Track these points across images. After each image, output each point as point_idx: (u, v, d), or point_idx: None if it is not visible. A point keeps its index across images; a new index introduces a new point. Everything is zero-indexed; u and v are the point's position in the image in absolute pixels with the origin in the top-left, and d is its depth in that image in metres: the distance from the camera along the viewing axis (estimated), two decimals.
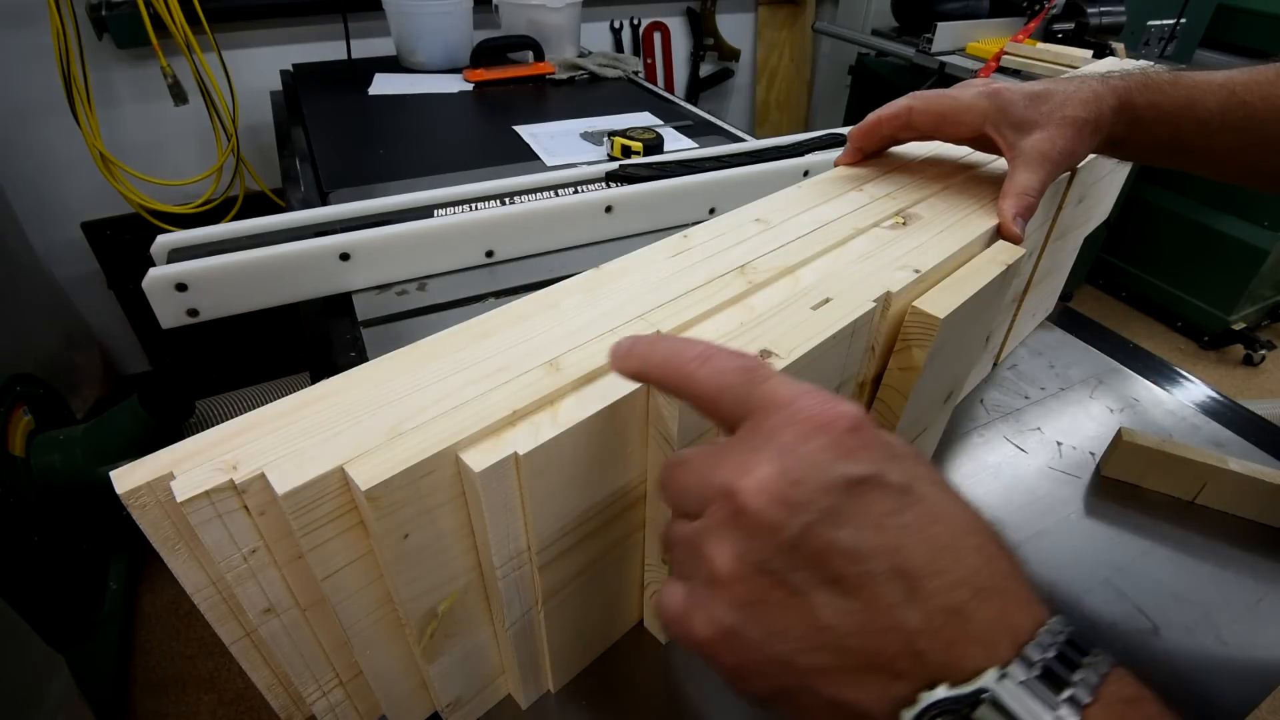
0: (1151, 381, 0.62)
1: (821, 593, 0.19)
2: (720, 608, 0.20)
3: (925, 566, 0.19)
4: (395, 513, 0.25)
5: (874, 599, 0.19)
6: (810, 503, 0.19)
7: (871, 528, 0.19)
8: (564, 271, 0.53)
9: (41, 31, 1.22)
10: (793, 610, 0.20)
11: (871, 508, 0.19)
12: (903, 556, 0.19)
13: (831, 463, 0.20)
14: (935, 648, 0.18)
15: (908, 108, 0.45)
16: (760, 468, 0.20)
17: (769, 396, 0.22)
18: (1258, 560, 0.47)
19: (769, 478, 0.20)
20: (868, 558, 0.19)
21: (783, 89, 2.24)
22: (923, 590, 0.19)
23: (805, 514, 0.19)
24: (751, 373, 0.22)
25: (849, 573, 0.19)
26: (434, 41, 1.26)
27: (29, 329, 1.30)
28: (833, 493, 0.19)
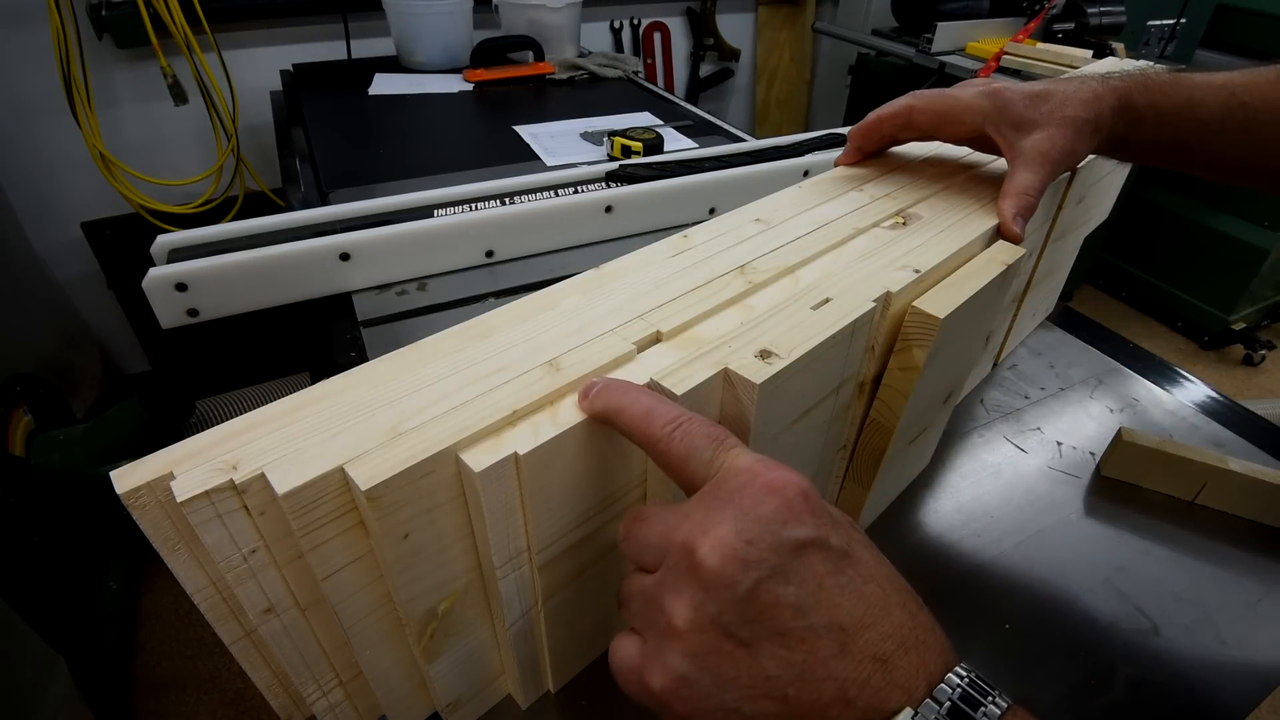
0: (1151, 381, 0.62)
1: (767, 644, 0.21)
2: (675, 658, 0.22)
3: (858, 621, 0.21)
4: (395, 513, 0.25)
5: (813, 651, 0.21)
6: (761, 560, 0.21)
7: (813, 585, 0.21)
8: (564, 271, 0.53)
9: (41, 31, 1.22)
10: (742, 661, 0.21)
11: (814, 568, 0.21)
12: (840, 613, 0.21)
13: (781, 526, 0.21)
14: (864, 694, 0.21)
15: (908, 107, 0.45)
16: (718, 527, 0.22)
17: (730, 464, 0.23)
18: (1258, 560, 0.47)
19: (725, 536, 0.21)
20: (809, 612, 0.21)
21: (783, 89, 2.24)
22: (855, 643, 0.21)
23: (756, 571, 0.21)
24: (718, 441, 0.24)
25: (792, 626, 0.21)
26: (434, 41, 1.26)
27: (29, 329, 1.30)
28: (781, 552, 0.21)
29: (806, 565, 0.21)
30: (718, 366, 0.29)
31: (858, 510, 0.45)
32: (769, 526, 0.21)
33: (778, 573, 0.21)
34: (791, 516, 0.22)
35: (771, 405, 0.30)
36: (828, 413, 0.36)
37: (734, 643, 0.21)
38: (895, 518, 0.49)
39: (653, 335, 0.32)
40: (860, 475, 0.43)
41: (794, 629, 0.21)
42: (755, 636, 0.21)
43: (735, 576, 0.21)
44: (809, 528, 0.22)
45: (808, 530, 0.22)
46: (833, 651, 0.21)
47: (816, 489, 0.23)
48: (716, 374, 0.29)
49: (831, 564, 0.22)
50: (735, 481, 0.23)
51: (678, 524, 0.23)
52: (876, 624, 0.21)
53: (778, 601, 0.21)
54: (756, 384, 0.28)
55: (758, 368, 0.29)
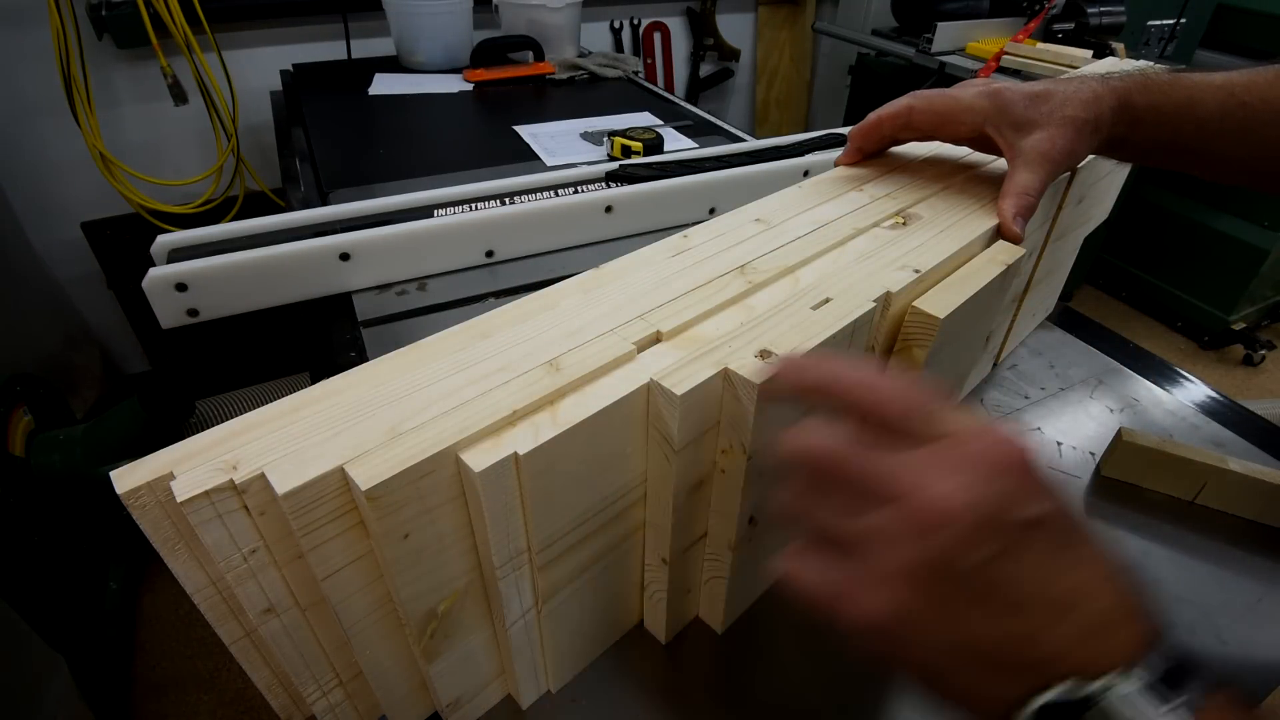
0: (1151, 381, 0.62)
1: (981, 609, 0.22)
2: (886, 598, 0.23)
3: (1080, 593, 0.22)
4: (395, 513, 0.25)
5: (1025, 621, 0.22)
6: (1004, 532, 0.22)
7: (1037, 564, 0.22)
8: (564, 271, 0.53)
9: (41, 31, 1.22)
10: (968, 614, 0.23)
11: (1040, 547, 0.23)
12: (1056, 590, 0.22)
13: (1015, 504, 0.23)
14: (1073, 655, 0.22)
15: (908, 107, 0.45)
16: (968, 490, 0.22)
17: (961, 428, 0.24)
18: (1258, 560, 0.47)
19: (974, 501, 0.22)
20: (1028, 588, 0.22)
21: (783, 89, 2.24)
22: (1075, 613, 0.22)
23: (997, 541, 0.22)
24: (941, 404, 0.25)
25: (1009, 598, 0.22)
26: (434, 41, 1.26)
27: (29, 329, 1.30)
28: (1013, 531, 0.22)
29: (1038, 539, 0.23)
30: (718, 366, 0.29)
31: None
32: (1008, 501, 0.22)
33: (1007, 551, 0.22)
34: (1024, 495, 0.23)
35: (771, 405, 0.30)
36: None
37: (951, 602, 0.22)
38: None
39: (653, 335, 0.32)
40: None
41: (1011, 601, 0.22)
42: (983, 597, 0.22)
43: (974, 544, 0.22)
44: (1039, 507, 0.23)
45: (1038, 509, 0.23)
46: (1055, 619, 0.22)
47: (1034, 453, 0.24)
48: (716, 374, 0.29)
49: (1055, 543, 0.23)
50: (970, 449, 0.23)
51: (914, 469, 0.23)
52: (1096, 597, 0.22)
53: (1002, 576, 0.22)
54: (756, 384, 0.28)
55: (758, 368, 0.29)
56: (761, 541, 0.39)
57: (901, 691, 0.39)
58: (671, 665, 0.40)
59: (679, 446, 0.30)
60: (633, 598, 0.40)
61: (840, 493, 0.25)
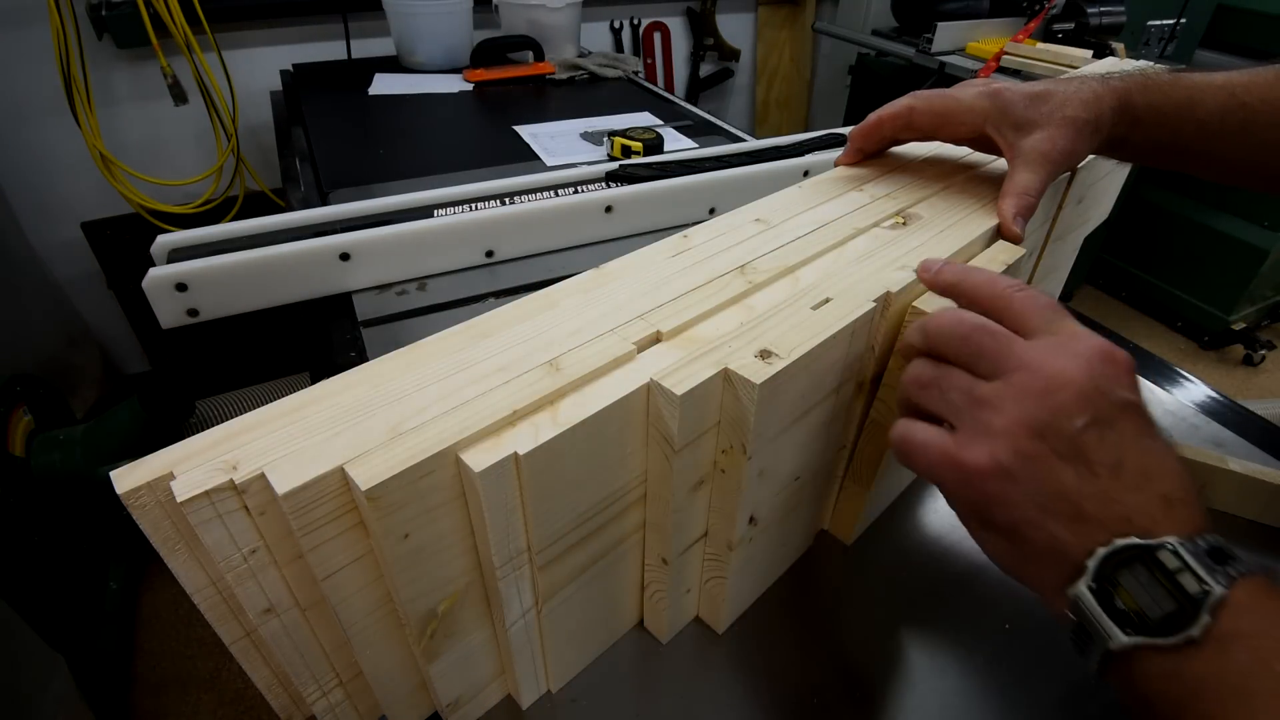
0: (1151, 381, 0.62)
1: (1082, 467, 0.27)
2: (1000, 449, 0.27)
3: (1155, 471, 0.26)
4: (395, 513, 0.25)
5: (1115, 481, 0.26)
6: (1098, 407, 0.27)
7: (1128, 436, 0.27)
8: (564, 271, 0.53)
9: (41, 31, 1.22)
10: (1057, 470, 0.27)
11: (1132, 423, 0.27)
12: (1142, 460, 0.27)
13: (1117, 386, 0.27)
14: (1140, 518, 0.26)
15: (908, 108, 0.45)
16: (1069, 370, 0.27)
17: (1071, 329, 0.29)
18: (1258, 560, 0.46)
19: (1076, 378, 0.27)
20: (1120, 454, 0.26)
21: (783, 89, 2.24)
22: (1149, 485, 0.26)
23: (1092, 412, 0.27)
24: (1055, 308, 0.30)
25: (1104, 460, 0.26)
26: (434, 41, 1.26)
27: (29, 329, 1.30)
28: (1113, 406, 0.27)
29: (1127, 420, 0.27)
30: (718, 366, 0.29)
31: (857, 511, 0.45)
32: (1108, 384, 0.27)
33: (1107, 421, 0.27)
34: (1123, 383, 0.28)
35: (771, 405, 0.30)
36: (828, 413, 0.36)
37: (1056, 457, 0.27)
38: (895, 518, 0.49)
39: (653, 335, 0.32)
40: (860, 475, 0.43)
41: (1105, 462, 0.26)
42: (1074, 458, 0.27)
43: (1075, 411, 0.27)
44: (1135, 394, 0.28)
45: (1133, 396, 0.28)
46: (1130, 486, 0.26)
47: None
48: (717, 374, 0.29)
49: (1143, 425, 0.27)
50: (1082, 344, 0.28)
51: (1030, 348, 0.28)
52: (1166, 477, 0.26)
53: (1100, 440, 0.26)
54: (756, 384, 0.28)
55: (758, 368, 0.29)
56: (761, 541, 0.39)
57: (902, 692, 0.39)
58: (671, 665, 0.40)
59: (679, 446, 0.30)
60: (633, 598, 0.40)
61: (963, 365, 0.30)
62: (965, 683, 0.39)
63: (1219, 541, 0.25)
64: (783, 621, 0.42)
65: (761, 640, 0.41)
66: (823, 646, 0.41)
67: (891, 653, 0.41)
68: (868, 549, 0.47)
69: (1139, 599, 0.25)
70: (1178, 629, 0.24)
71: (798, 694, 0.39)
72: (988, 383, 0.29)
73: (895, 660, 0.41)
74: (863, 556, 0.46)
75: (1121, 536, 0.25)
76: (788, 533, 0.42)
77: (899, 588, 0.45)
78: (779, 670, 0.40)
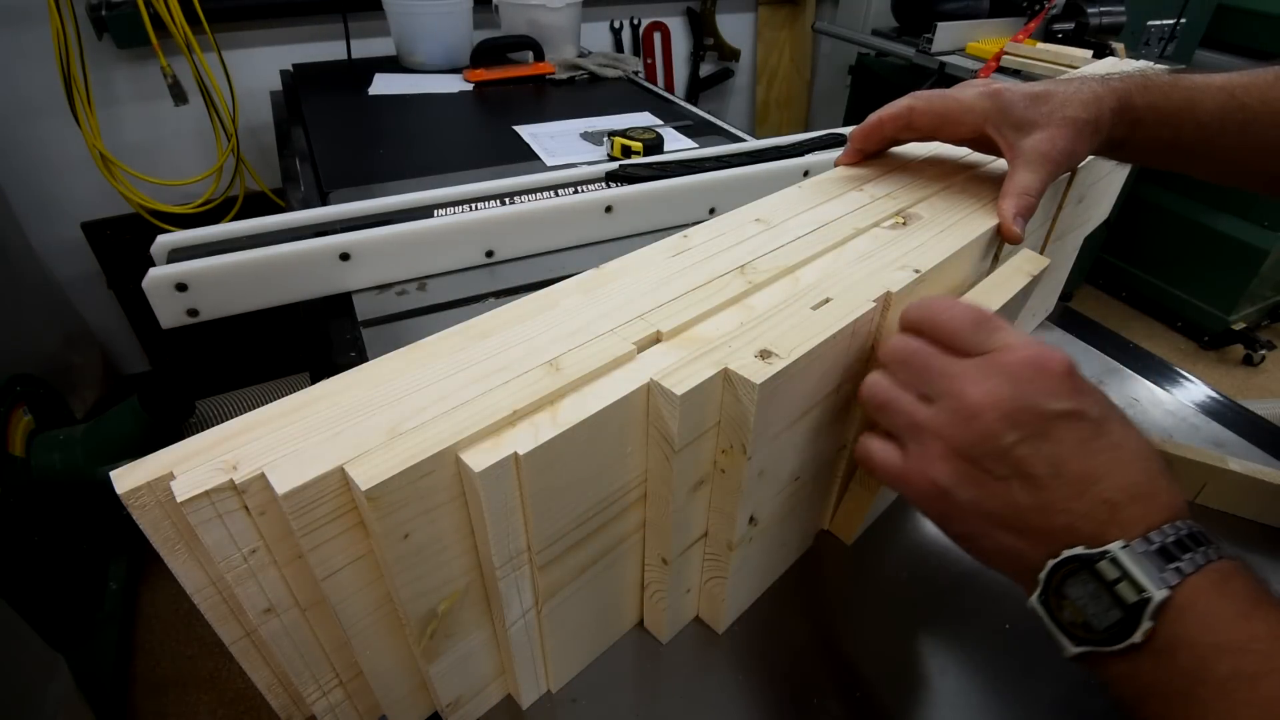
0: (1151, 381, 0.62)
1: (1018, 482, 0.27)
2: (939, 474, 0.29)
3: (1097, 475, 0.26)
4: (395, 513, 0.25)
5: (1055, 492, 0.27)
6: (1026, 424, 0.27)
7: (1064, 447, 0.27)
8: (564, 271, 0.53)
9: (41, 31, 1.22)
10: (995, 489, 0.28)
11: (1068, 433, 0.27)
12: (1083, 468, 0.27)
13: (1046, 398, 0.27)
14: (1089, 527, 0.26)
15: (908, 108, 0.45)
16: (995, 391, 0.28)
17: (1004, 341, 0.29)
18: (1258, 560, 0.47)
19: (1000, 401, 0.27)
20: (1057, 466, 0.27)
21: (783, 89, 2.24)
22: (1091, 490, 0.26)
23: (1019, 431, 0.27)
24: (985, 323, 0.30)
25: (1041, 474, 0.27)
26: (434, 41, 1.26)
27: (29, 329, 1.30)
28: (1043, 419, 0.27)
29: (1062, 431, 0.27)
30: (718, 366, 0.29)
31: (860, 513, 0.45)
32: (1036, 397, 0.27)
33: (1037, 434, 0.27)
34: (1057, 391, 0.27)
35: (772, 405, 0.30)
36: (828, 413, 0.36)
37: (990, 477, 0.28)
38: (896, 517, 0.49)
39: (653, 335, 0.32)
40: (862, 476, 0.43)
41: (1042, 476, 0.27)
42: (1009, 475, 0.27)
43: (1002, 430, 0.27)
44: (1069, 402, 0.27)
45: (1067, 404, 0.27)
46: (1072, 493, 0.26)
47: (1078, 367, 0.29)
48: (717, 374, 0.29)
49: (1084, 431, 0.27)
50: (1011, 357, 0.28)
51: (959, 374, 0.29)
52: (1113, 477, 0.26)
53: (1035, 453, 0.27)
54: (756, 384, 0.28)
55: (758, 368, 0.29)
56: (761, 541, 0.39)
57: (902, 692, 0.39)
58: (671, 665, 0.40)
59: (679, 446, 0.30)
60: (633, 598, 0.40)
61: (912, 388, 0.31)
62: (965, 683, 0.39)
63: (1182, 529, 0.25)
64: (783, 622, 0.42)
65: (761, 640, 0.41)
66: (823, 646, 0.41)
67: (892, 652, 0.41)
68: (868, 549, 0.47)
69: (1085, 609, 0.25)
70: (1121, 637, 0.24)
71: (798, 694, 0.39)
72: (926, 407, 0.30)
73: (895, 660, 0.41)
74: (863, 557, 0.46)
75: (1069, 547, 0.26)
76: (788, 533, 0.42)
77: (899, 588, 0.45)
78: (779, 670, 0.40)
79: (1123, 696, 0.25)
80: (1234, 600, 0.24)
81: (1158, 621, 0.24)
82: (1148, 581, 0.24)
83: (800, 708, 0.38)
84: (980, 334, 0.30)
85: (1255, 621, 0.23)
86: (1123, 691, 0.25)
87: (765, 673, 0.40)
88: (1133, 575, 0.24)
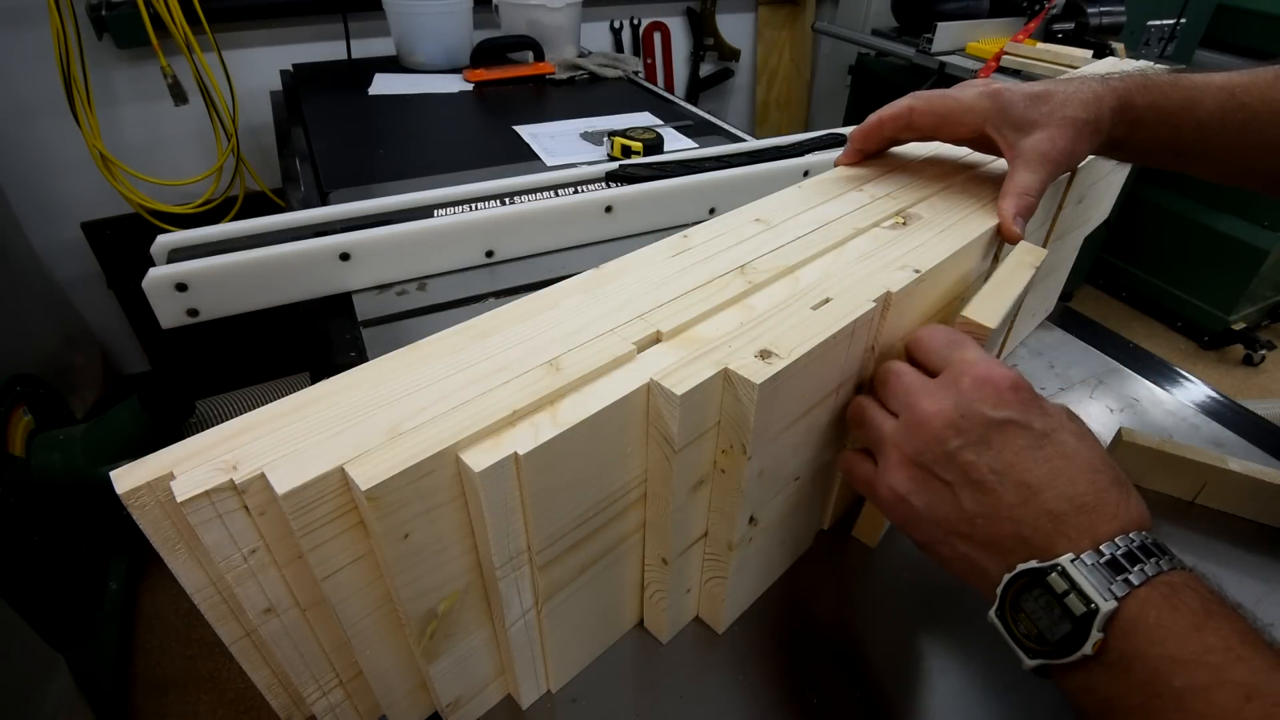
0: (1151, 381, 0.62)
1: (966, 488, 0.29)
2: (898, 481, 0.31)
3: (1041, 483, 0.27)
4: (395, 513, 0.25)
5: (1000, 498, 0.28)
6: (968, 430, 0.29)
7: (1008, 454, 0.28)
8: (564, 271, 0.53)
9: (41, 31, 1.22)
10: (945, 494, 0.29)
11: (1012, 441, 0.28)
12: (1027, 475, 0.27)
13: (989, 407, 0.29)
14: (1036, 537, 0.27)
15: (908, 108, 0.45)
16: (943, 402, 0.30)
17: (960, 358, 0.31)
18: (1258, 560, 0.47)
19: (946, 409, 0.30)
20: (1000, 472, 0.28)
21: (783, 89, 2.24)
22: (1036, 499, 0.27)
23: (963, 438, 0.29)
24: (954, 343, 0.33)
25: (986, 479, 0.28)
26: (434, 41, 1.26)
27: (29, 329, 1.30)
28: (986, 427, 0.29)
29: (1005, 438, 0.28)
30: (718, 366, 0.29)
31: (883, 519, 0.45)
32: (980, 406, 0.29)
33: (980, 441, 0.28)
34: (999, 402, 0.29)
35: (771, 405, 0.30)
36: (828, 413, 0.36)
37: (940, 482, 0.29)
38: None
39: (653, 335, 0.32)
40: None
41: (987, 480, 0.28)
42: (956, 481, 0.29)
43: (946, 438, 0.29)
44: (1012, 411, 0.29)
45: (1010, 413, 0.29)
46: (1016, 501, 0.27)
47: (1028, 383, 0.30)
48: (717, 374, 0.29)
49: (1028, 440, 0.28)
50: (963, 373, 0.30)
51: (919, 391, 0.31)
52: (1057, 487, 0.27)
53: (976, 460, 0.28)
54: (756, 384, 0.28)
55: (758, 368, 0.29)
56: (761, 541, 0.39)
57: (902, 692, 0.39)
58: (671, 665, 0.40)
59: (679, 446, 0.30)
60: (633, 598, 0.40)
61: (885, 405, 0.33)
62: (965, 683, 0.39)
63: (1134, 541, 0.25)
64: (783, 622, 0.42)
65: (761, 640, 0.41)
66: (823, 646, 0.41)
67: (892, 652, 0.41)
68: (869, 549, 0.47)
69: (1039, 622, 0.26)
70: (1072, 649, 0.25)
71: (798, 694, 0.39)
72: (891, 421, 0.32)
73: (896, 660, 0.41)
74: (863, 557, 0.46)
75: (1023, 561, 0.26)
76: (788, 533, 0.42)
77: (900, 588, 0.45)
78: (779, 670, 0.40)
79: (1084, 710, 0.26)
80: (1185, 612, 0.24)
81: (1107, 633, 0.24)
82: (1094, 593, 0.24)
83: (800, 708, 0.38)
84: (946, 350, 0.32)
85: (1207, 634, 0.23)
86: (1084, 704, 0.26)
87: (765, 672, 0.40)
88: (1080, 587, 0.24)
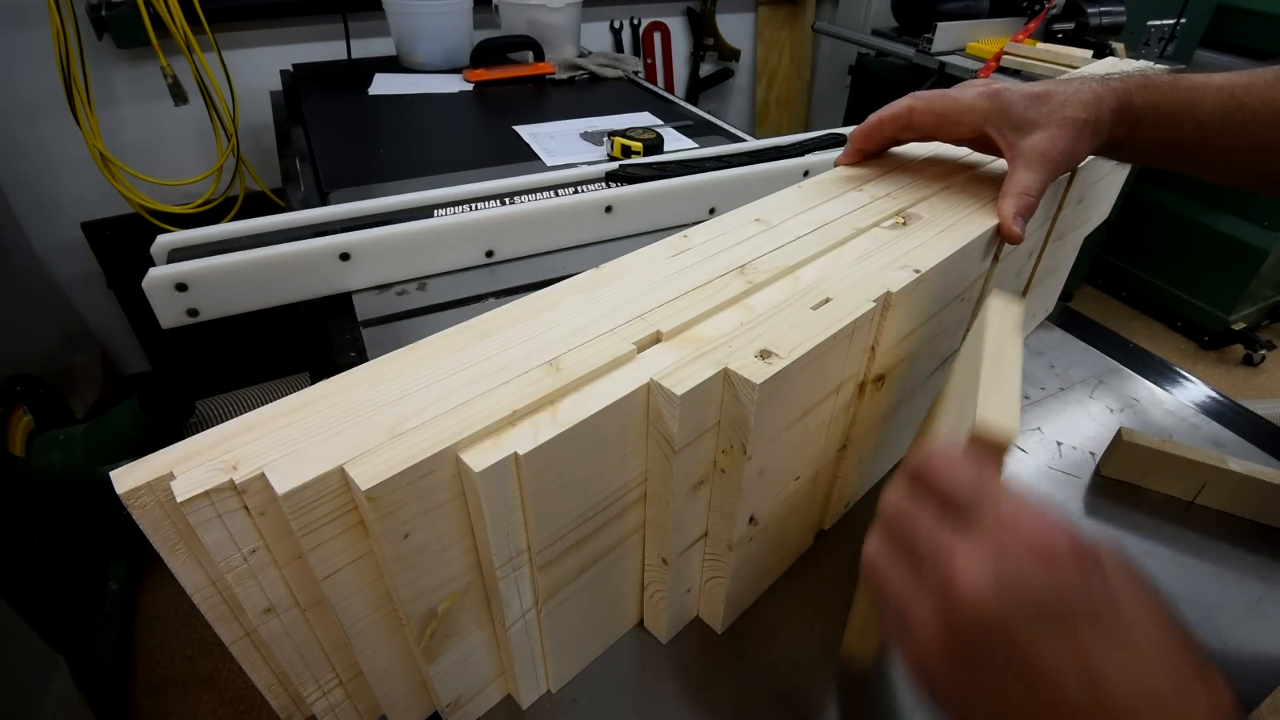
0: (1151, 381, 0.62)
1: (1014, 681, 0.22)
2: (928, 649, 0.24)
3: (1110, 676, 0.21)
4: (395, 513, 0.25)
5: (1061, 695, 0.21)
6: (1019, 608, 0.22)
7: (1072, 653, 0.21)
8: (564, 271, 0.53)
9: (41, 31, 1.22)
10: (984, 682, 0.23)
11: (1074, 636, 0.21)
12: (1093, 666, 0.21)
13: (1043, 578, 0.22)
14: None
15: (909, 108, 0.45)
16: (983, 569, 0.22)
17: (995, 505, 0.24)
18: (1258, 560, 0.47)
19: (987, 579, 0.22)
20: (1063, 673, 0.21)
21: (783, 89, 2.24)
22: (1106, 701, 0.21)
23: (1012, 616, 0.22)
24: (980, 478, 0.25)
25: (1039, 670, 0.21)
26: (434, 41, 1.26)
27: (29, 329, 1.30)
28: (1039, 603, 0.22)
29: (1064, 618, 0.22)
30: (718, 366, 0.29)
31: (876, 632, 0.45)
32: (1030, 578, 0.22)
33: (1035, 620, 0.22)
34: (1054, 570, 0.22)
35: (771, 405, 0.30)
36: (828, 413, 0.36)
37: (983, 670, 0.23)
38: None
39: (653, 335, 0.32)
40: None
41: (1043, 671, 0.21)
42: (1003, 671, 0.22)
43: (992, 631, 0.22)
44: (1071, 582, 0.22)
45: (1069, 585, 0.22)
46: (1081, 699, 0.21)
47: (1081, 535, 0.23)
48: (716, 374, 0.29)
49: (1093, 631, 0.22)
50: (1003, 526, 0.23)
51: (947, 550, 0.24)
52: (1129, 680, 0.21)
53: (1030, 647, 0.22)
54: (756, 384, 0.28)
55: (758, 368, 0.29)
56: (761, 541, 0.39)
57: (903, 692, 0.39)
58: (671, 665, 0.40)
59: (679, 446, 0.30)
60: (633, 598, 0.40)
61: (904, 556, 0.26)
62: None
63: None
64: (783, 622, 0.42)
65: (761, 640, 0.41)
66: (822, 646, 0.41)
67: (892, 652, 0.41)
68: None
69: None
70: None
71: (797, 693, 0.39)
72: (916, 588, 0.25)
73: (896, 660, 0.41)
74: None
75: None
76: (788, 533, 0.42)
77: None
78: (779, 670, 0.40)
79: None
80: None
81: None
82: None
83: (800, 708, 0.38)
84: (973, 493, 0.25)
85: None
86: None
87: (765, 673, 0.40)
88: None
